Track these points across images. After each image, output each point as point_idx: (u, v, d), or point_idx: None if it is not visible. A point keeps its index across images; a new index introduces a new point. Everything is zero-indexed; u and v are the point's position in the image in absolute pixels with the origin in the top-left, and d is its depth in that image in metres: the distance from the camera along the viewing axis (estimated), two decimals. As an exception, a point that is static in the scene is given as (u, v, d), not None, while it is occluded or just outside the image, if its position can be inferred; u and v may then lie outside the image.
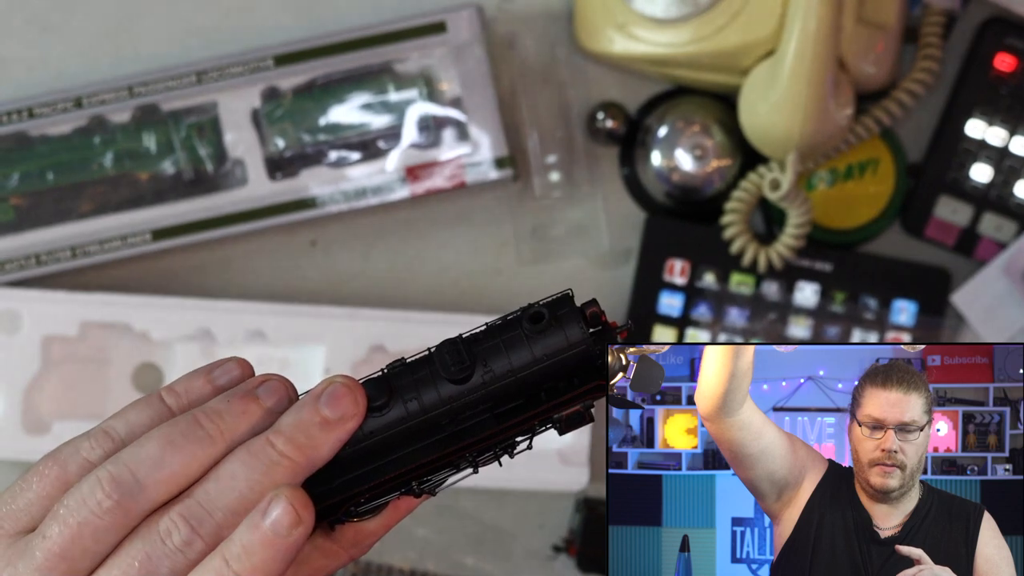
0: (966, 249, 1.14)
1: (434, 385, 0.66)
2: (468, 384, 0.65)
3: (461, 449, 0.66)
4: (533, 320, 0.65)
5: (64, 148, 1.11)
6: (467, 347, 0.66)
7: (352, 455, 0.66)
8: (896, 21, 1.09)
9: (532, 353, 0.65)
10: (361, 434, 0.66)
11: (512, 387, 0.65)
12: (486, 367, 0.65)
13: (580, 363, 0.65)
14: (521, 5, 1.15)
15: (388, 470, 0.67)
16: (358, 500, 0.67)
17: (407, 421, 0.66)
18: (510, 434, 0.66)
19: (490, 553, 1.18)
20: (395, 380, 0.66)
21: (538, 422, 0.66)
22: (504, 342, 0.66)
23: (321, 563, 0.69)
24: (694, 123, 1.13)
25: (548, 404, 0.65)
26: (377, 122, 1.12)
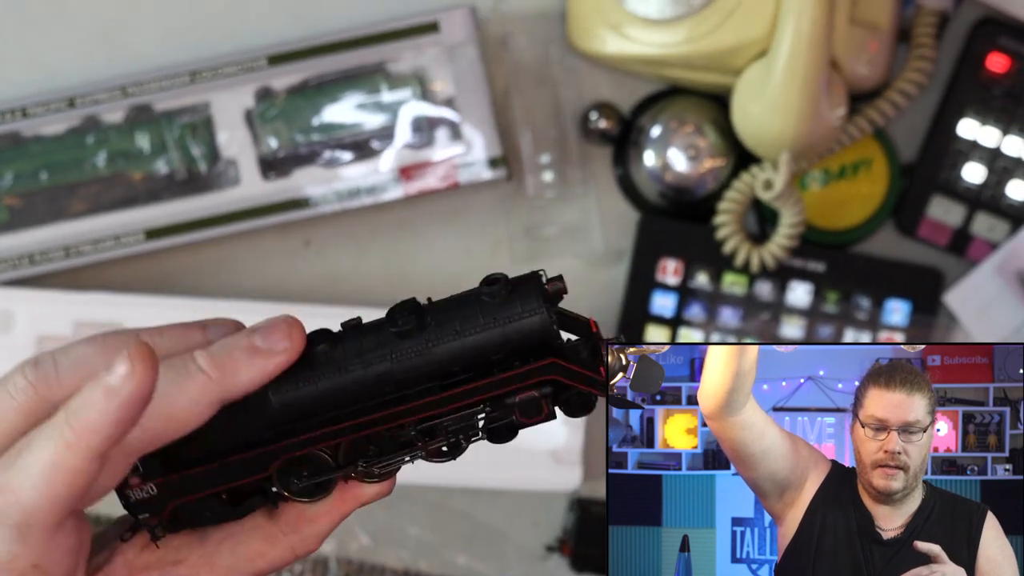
0: (959, 249, 1.14)
1: (378, 339, 0.64)
2: (411, 339, 0.64)
3: (400, 415, 0.65)
4: (488, 283, 0.64)
5: (57, 148, 1.11)
6: (421, 307, 0.64)
7: (282, 405, 0.64)
8: (889, 21, 1.09)
9: (481, 316, 0.64)
10: (293, 383, 0.64)
11: (457, 350, 0.64)
12: (434, 326, 0.64)
13: (535, 340, 0.64)
14: (514, 5, 1.15)
15: (321, 426, 0.65)
16: (294, 463, 0.65)
17: (344, 372, 0.64)
18: (454, 407, 0.65)
19: (483, 553, 1.18)
20: (343, 332, 0.65)
21: (488, 402, 0.65)
22: (457, 304, 0.65)
23: (259, 546, 0.68)
24: (687, 123, 1.13)
25: (496, 378, 0.64)
26: (370, 122, 1.12)
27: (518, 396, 0.65)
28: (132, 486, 0.65)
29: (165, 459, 0.65)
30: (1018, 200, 1.13)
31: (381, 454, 0.66)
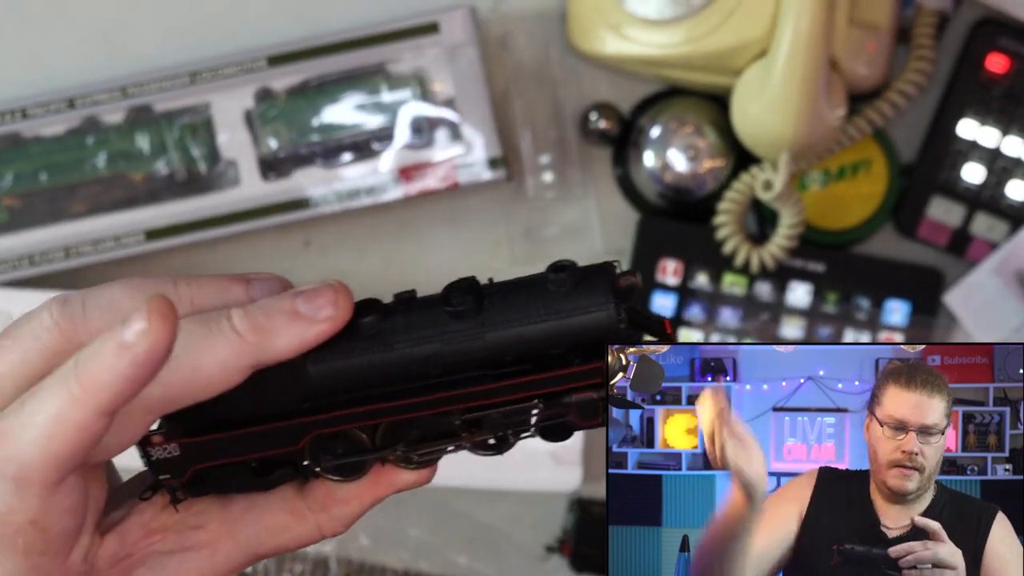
0: (958, 249, 1.14)
1: (430, 317, 0.60)
2: (465, 322, 0.60)
3: (446, 401, 0.61)
4: (555, 269, 0.60)
5: (57, 149, 1.11)
6: (479, 287, 0.60)
7: (320, 377, 0.60)
8: (888, 22, 1.09)
9: (543, 305, 0.60)
10: (334, 354, 0.60)
11: (513, 340, 0.60)
12: (492, 310, 0.60)
13: (599, 337, 0.60)
14: (514, 6, 1.15)
15: (360, 403, 0.61)
16: (328, 439, 0.62)
17: (389, 349, 0.60)
18: (507, 399, 0.61)
19: (483, 553, 1.18)
20: (393, 305, 0.61)
21: (542, 398, 0.61)
22: (519, 289, 0.61)
23: (284, 520, 0.64)
24: (687, 124, 1.13)
25: (553, 373, 0.60)
26: (370, 122, 1.12)
27: (574, 396, 0.61)
28: (154, 443, 0.61)
29: (190, 420, 0.61)
30: (1018, 200, 1.13)
31: (423, 440, 0.62)
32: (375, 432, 0.62)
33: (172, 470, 0.62)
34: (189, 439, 0.62)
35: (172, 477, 0.62)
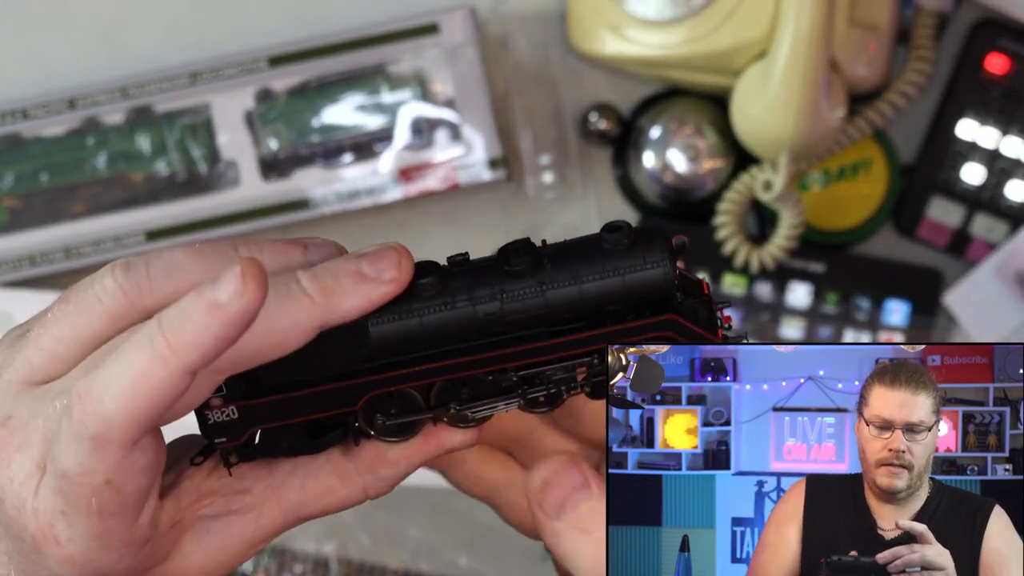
0: (958, 250, 1.14)
1: (489, 277, 0.61)
2: (524, 280, 0.61)
3: (506, 358, 0.62)
4: (610, 230, 0.62)
5: (58, 149, 1.11)
6: (536, 248, 0.62)
7: (381, 337, 0.61)
8: (888, 22, 1.09)
9: (601, 263, 0.61)
10: (395, 315, 0.61)
11: (572, 296, 0.61)
12: (550, 268, 0.61)
13: (655, 294, 0.62)
14: (514, 6, 1.15)
15: (420, 363, 0.61)
16: (382, 400, 0.62)
17: (450, 308, 0.61)
18: (564, 355, 0.62)
19: (484, 553, 1.18)
20: (451, 267, 0.62)
21: (598, 354, 0.63)
22: (575, 249, 0.62)
23: (330, 483, 0.65)
24: (687, 124, 1.13)
25: (610, 329, 0.62)
26: (370, 123, 1.12)
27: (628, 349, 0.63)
28: (212, 407, 0.61)
29: (250, 382, 0.62)
30: (1017, 201, 1.13)
31: (475, 399, 0.63)
32: (428, 392, 0.63)
33: (228, 433, 0.62)
34: (248, 401, 0.62)
35: (227, 440, 0.62)
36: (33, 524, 0.59)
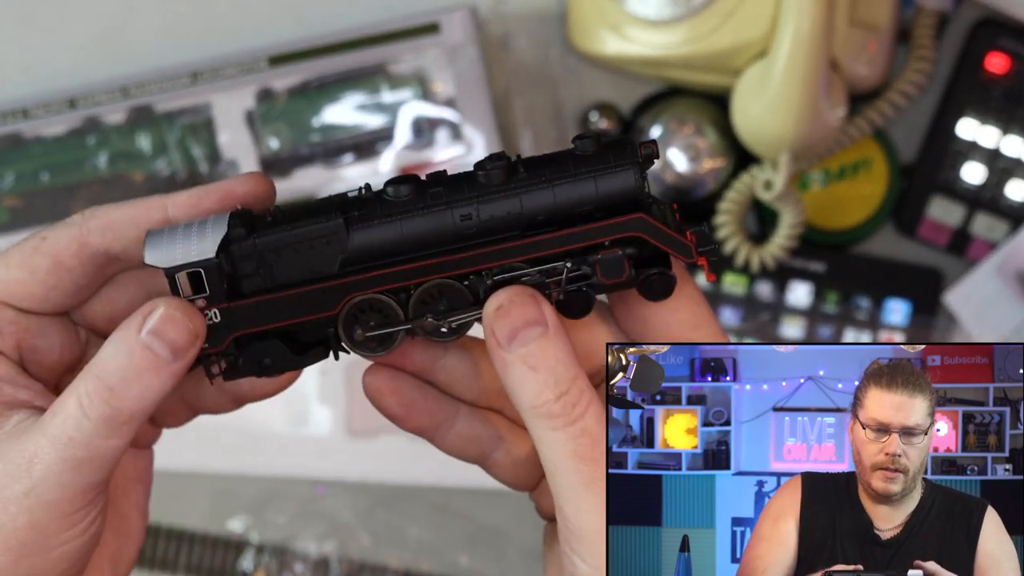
0: (958, 249, 1.14)
1: (465, 185, 0.64)
2: (499, 185, 0.64)
3: (480, 258, 0.64)
4: (581, 138, 0.64)
5: (58, 149, 1.11)
6: (510, 158, 0.64)
7: (360, 243, 0.64)
8: (888, 22, 1.09)
9: (572, 166, 0.64)
10: (374, 221, 0.64)
11: (545, 199, 0.63)
12: (524, 174, 0.64)
13: (626, 196, 0.64)
14: (514, 6, 1.15)
15: (398, 266, 0.64)
16: (362, 310, 0.64)
17: (427, 213, 0.63)
18: (536, 256, 0.64)
19: (484, 553, 1.18)
20: (430, 178, 0.65)
21: (571, 256, 0.64)
22: (548, 157, 0.65)
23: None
24: (687, 124, 1.13)
25: (580, 228, 0.63)
26: (371, 123, 1.12)
27: (600, 253, 0.64)
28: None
29: (232, 286, 0.64)
30: (1017, 200, 1.13)
31: (452, 309, 0.65)
32: (407, 305, 0.65)
33: (212, 338, 0.65)
34: (231, 303, 0.64)
35: (210, 347, 0.65)
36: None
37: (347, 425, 1.16)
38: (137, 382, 0.62)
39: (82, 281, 0.67)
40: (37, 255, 0.66)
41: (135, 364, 0.62)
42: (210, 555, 1.18)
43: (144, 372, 0.62)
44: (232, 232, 0.64)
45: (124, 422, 0.62)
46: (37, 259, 0.66)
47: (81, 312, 0.70)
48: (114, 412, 0.62)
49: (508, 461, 0.71)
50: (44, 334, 0.67)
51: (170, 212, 0.67)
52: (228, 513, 1.18)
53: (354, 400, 1.15)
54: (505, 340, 0.63)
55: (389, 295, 0.65)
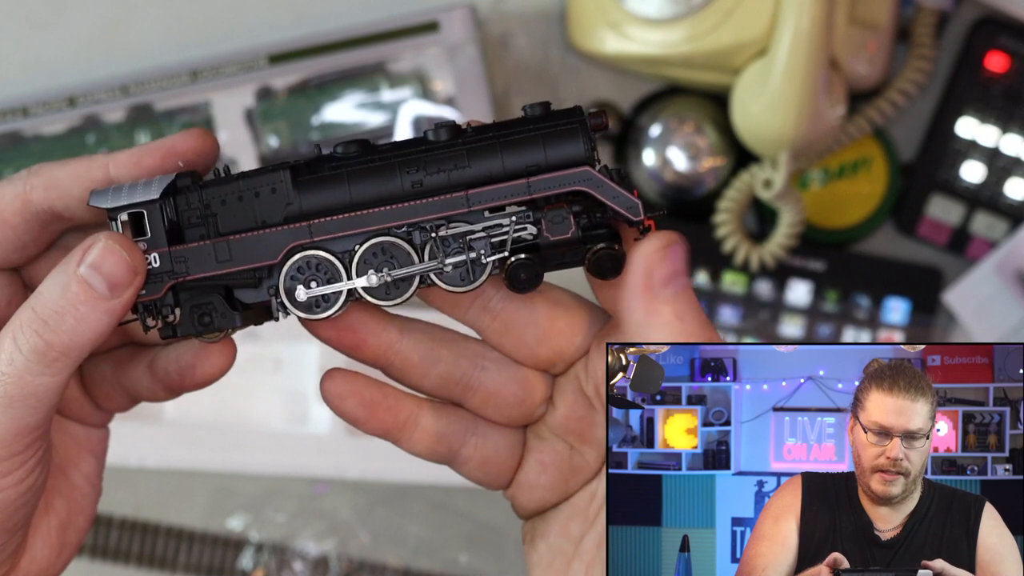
0: (958, 248, 1.14)
1: (412, 145, 0.64)
2: (446, 144, 0.64)
3: (423, 208, 0.63)
4: (530, 106, 0.65)
5: (58, 147, 1.11)
6: (457, 125, 0.65)
7: (308, 188, 0.63)
8: (888, 21, 1.09)
9: (518, 124, 0.64)
10: (319, 176, 0.64)
11: (490, 155, 0.63)
12: (471, 134, 0.64)
13: (569, 153, 0.64)
14: (514, 5, 1.15)
15: (348, 210, 0.64)
16: (304, 270, 0.64)
17: (373, 171, 0.64)
18: (481, 208, 0.64)
19: (484, 551, 1.18)
20: (379, 143, 0.65)
21: (516, 209, 0.64)
22: (496, 122, 0.65)
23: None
24: (687, 122, 1.13)
25: (524, 180, 0.63)
26: (371, 121, 1.12)
27: (546, 207, 0.64)
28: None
29: (173, 235, 0.64)
30: (1017, 199, 1.13)
31: (396, 267, 0.65)
32: (350, 266, 0.65)
33: (149, 286, 0.64)
34: (172, 247, 0.64)
35: (147, 294, 0.64)
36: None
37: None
38: (72, 314, 0.61)
39: (25, 237, 0.66)
40: None
41: (70, 297, 0.61)
42: (209, 554, 1.18)
43: (79, 305, 0.61)
44: (178, 181, 0.64)
45: (56, 358, 0.61)
46: None
47: (28, 273, 0.70)
48: (46, 346, 0.61)
49: (478, 457, 0.70)
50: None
51: (112, 170, 0.66)
52: (227, 511, 1.18)
53: (354, 399, 1.15)
54: (661, 282, 0.63)
55: (332, 254, 0.65)
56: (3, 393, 0.61)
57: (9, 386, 0.61)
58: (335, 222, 0.64)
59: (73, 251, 0.62)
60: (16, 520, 0.64)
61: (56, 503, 0.70)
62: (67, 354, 0.62)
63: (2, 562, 0.65)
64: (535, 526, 0.71)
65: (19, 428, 0.62)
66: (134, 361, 0.71)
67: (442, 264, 0.65)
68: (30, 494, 0.64)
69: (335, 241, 0.65)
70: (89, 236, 0.63)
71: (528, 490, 0.71)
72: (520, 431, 0.71)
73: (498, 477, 0.71)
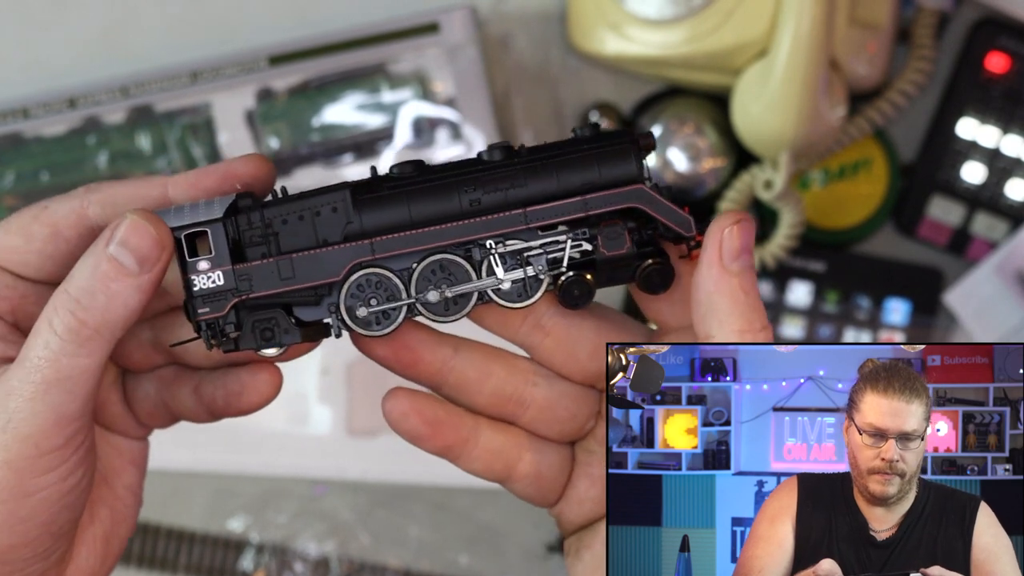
0: (958, 249, 1.14)
1: (467, 165, 0.66)
2: (500, 164, 0.65)
3: (481, 226, 0.65)
4: (580, 127, 0.66)
5: (59, 148, 1.11)
6: (512, 145, 0.66)
7: (368, 214, 0.64)
8: (888, 22, 1.09)
9: (572, 145, 0.65)
10: (380, 189, 0.65)
11: (545, 174, 0.65)
12: (525, 154, 0.66)
13: (622, 173, 0.65)
14: (515, 6, 1.15)
15: (407, 228, 0.65)
16: (362, 288, 0.65)
17: (430, 193, 0.65)
18: (538, 225, 0.65)
19: (484, 552, 1.18)
20: (435, 165, 0.66)
21: (571, 227, 0.65)
22: (549, 143, 0.66)
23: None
24: (687, 123, 1.13)
25: (579, 199, 0.65)
26: (371, 122, 1.12)
27: (602, 224, 0.65)
28: (199, 271, 0.65)
29: (236, 254, 0.65)
30: (1017, 200, 1.13)
31: (455, 284, 0.66)
32: (409, 283, 0.66)
33: (211, 303, 0.65)
34: (235, 265, 0.64)
35: (210, 312, 0.65)
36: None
37: (347, 425, 1.16)
38: (103, 292, 0.62)
39: (78, 252, 0.66)
40: (36, 223, 0.67)
41: (100, 275, 0.62)
42: (210, 555, 1.18)
43: (109, 282, 0.62)
44: (239, 201, 0.65)
45: (90, 336, 0.62)
46: (35, 227, 0.67)
47: None
48: (79, 324, 0.62)
49: (533, 473, 0.71)
50: (40, 303, 0.67)
51: (170, 191, 0.67)
52: (228, 512, 1.18)
53: (354, 400, 1.15)
54: (731, 255, 0.66)
55: (392, 272, 0.65)
56: (41, 379, 0.62)
57: (46, 371, 0.62)
58: (397, 239, 0.65)
59: (104, 232, 0.63)
60: (61, 523, 0.65)
61: (101, 513, 0.70)
62: (100, 332, 0.62)
63: (48, 569, 0.66)
64: (581, 538, 0.72)
65: (57, 417, 0.62)
66: (179, 383, 0.72)
67: (500, 280, 0.66)
68: (73, 495, 0.64)
69: (393, 260, 0.66)
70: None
71: (578, 504, 0.71)
72: (569, 447, 0.72)
73: (550, 493, 0.72)
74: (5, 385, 0.63)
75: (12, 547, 0.63)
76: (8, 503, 0.62)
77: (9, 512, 0.63)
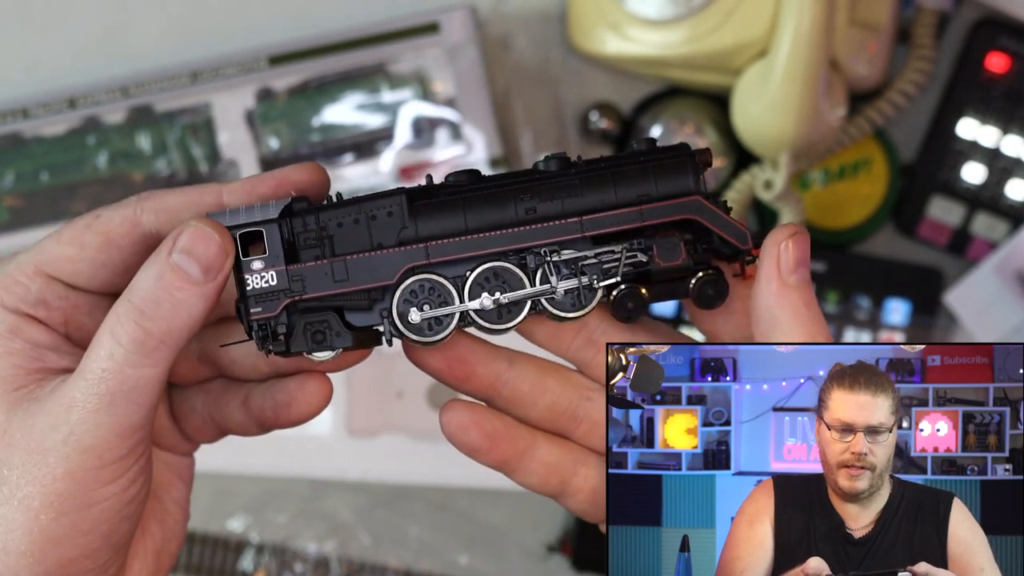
0: (959, 249, 1.14)
1: (524, 175, 0.66)
2: (558, 174, 0.65)
3: (537, 234, 0.65)
4: (637, 141, 0.66)
5: (58, 148, 1.11)
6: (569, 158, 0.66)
7: (424, 218, 0.64)
8: (889, 22, 1.09)
9: (629, 156, 0.66)
10: (436, 194, 0.65)
11: (601, 185, 0.65)
12: (582, 164, 0.66)
13: (679, 186, 0.65)
14: (515, 6, 1.15)
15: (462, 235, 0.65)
16: (415, 294, 0.65)
17: (487, 201, 0.65)
18: (592, 235, 0.65)
19: (484, 552, 1.18)
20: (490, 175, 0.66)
21: (628, 238, 0.65)
22: (604, 156, 0.67)
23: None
24: (687, 123, 1.13)
25: (636, 208, 0.65)
26: (371, 122, 1.12)
27: (657, 235, 0.65)
28: (253, 271, 0.64)
29: (290, 256, 0.65)
30: (1017, 200, 1.13)
31: (509, 290, 0.66)
32: (463, 290, 0.66)
33: (265, 304, 0.64)
34: (289, 266, 0.64)
35: (263, 312, 0.64)
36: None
37: (347, 425, 1.16)
38: (167, 301, 0.62)
39: (132, 261, 0.66)
40: (89, 232, 0.66)
41: (165, 283, 0.62)
42: (210, 555, 1.18)
43: (174, 291, 0.62)
44: (295, 204, 0.65)
45: (155, 346, 0.62)
46: (88, 236, 0.66)
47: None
48: (144, 334, 0.61)
49: (587, 487, 0.70)
50: (93, 313, 0.66)
51: (225, 198, 0.67)
52: (228, 513, 1.18)
53: (354, 400, 1.15)
54: (789, 268, 0.64)
55: (446, 278, 0.65)
56: (105, 390, 0.61)
57: (111, 382, 0.61)
58: (452, 244, 0.65)
59: (165, 240, 0.63)
60: (120, 534, 0.64)
61: (152, 528, 0.70)
62: (165, 342, 0.62)
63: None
64: None
65: (121, 428, 0.62)
66: (227, 396, 0.71)
67: (554, 288, 0.66)
68: (132, 506, 0.64)
69: (447, 267, 0.65)
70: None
71: None
72: None
73: (599, 512, 0.71)
74: (66, 397, 0.62)
75: (73, 560, 0.63)
76: (71, 514, 0.62)
77: (72, 524, 0.62)
